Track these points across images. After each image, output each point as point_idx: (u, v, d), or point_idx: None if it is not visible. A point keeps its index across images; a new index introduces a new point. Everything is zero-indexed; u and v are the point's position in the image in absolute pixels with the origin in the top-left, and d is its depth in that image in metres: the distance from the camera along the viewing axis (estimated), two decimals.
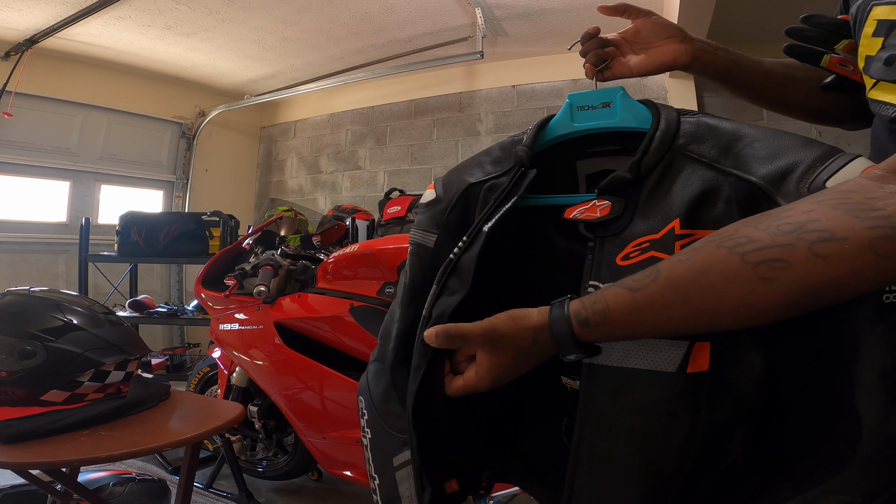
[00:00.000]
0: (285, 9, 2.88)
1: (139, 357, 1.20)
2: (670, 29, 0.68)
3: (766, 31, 2.93)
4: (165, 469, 2.10)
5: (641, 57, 0.68)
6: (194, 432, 1.08)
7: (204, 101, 4.18)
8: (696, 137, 0.53)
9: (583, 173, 0.65)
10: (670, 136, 0.54)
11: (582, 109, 0.62)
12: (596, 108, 0.61)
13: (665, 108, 0.57)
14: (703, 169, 0.51)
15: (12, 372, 1.03)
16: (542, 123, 0.64)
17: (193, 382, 2.20)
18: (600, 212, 0.54)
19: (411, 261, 0.66)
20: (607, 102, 0.61)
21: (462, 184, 0.64)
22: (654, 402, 0.46)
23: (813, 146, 0.47)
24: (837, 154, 0.46)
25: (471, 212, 0.62)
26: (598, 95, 0.61)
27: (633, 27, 0.69)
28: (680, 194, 0.50)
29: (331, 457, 1.69)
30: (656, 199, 0.51)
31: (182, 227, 3.06)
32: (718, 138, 0.52)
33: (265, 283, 1.67)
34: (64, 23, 2.90)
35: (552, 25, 2.98)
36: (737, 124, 0.53)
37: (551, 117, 0.64)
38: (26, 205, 3.41)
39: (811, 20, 0.64)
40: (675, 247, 0.48)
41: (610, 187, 0.54)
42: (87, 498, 1.13)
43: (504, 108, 3.59)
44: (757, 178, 0.47)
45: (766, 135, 0.50)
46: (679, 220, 0.48)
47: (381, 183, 3.96)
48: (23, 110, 3.22)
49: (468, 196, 0.63)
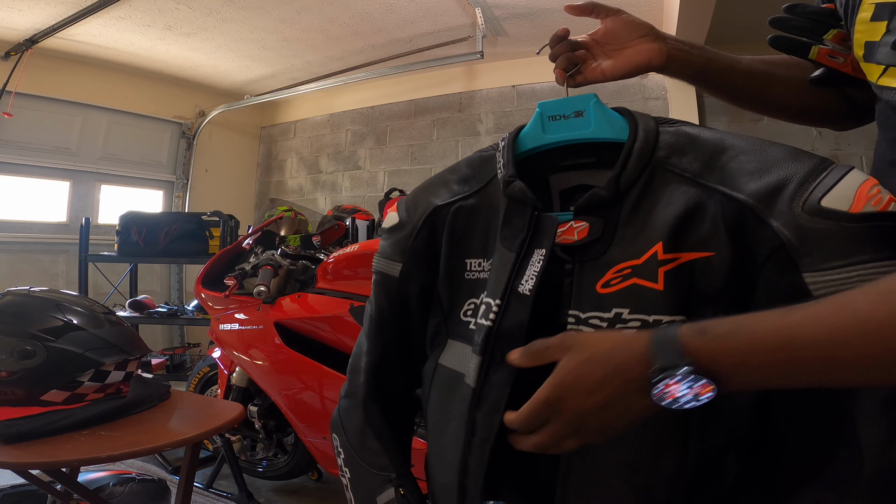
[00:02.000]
0: (285, 9, 2.88)
1: (139, 357, 1.19)
2: (642, 27, 0.63)
3: (765, 32, 2.93)
4: (165, 469, 2.10)
5: (614, 59, 0.64)
6: (194, 432, 1.08)
7: (204, 101, 4.18)
8: (676, 149, 0.49)
9: (556, 189, 0.60)
10: (649, 148, 0.49)
11: (553, 119, 0.57)
12: (568, 117, 0.56)
13: (642, 117, 0.53)
14: (686, 185, 0.47)
15: (12, 372, 1.03)
16: (514, 136, 0.58)
17: (193, 382, 2.20)
18: (578, 234, 0.49)
19: (376, 291, 0.62)
20: (580, 111, 0.55)
21: (428, 206, 0.58)
22: (639, 434, 0.43)
23: (803, 158, 0.44)
24: (830, 167, 0.42)
25: (437, 237, 0.57)
26: (570, 104, 0.56)
27: (602, 27, 0.65)
28: (662, 214, 0.46)
29: (331, 457, 1.69)
30: (637, 220, 0.47)
31: (182, 227, 3.06)
32: (701, 150, 0.48)
33: (265, 283, 1.67)
34: (64, 23, 2.90)
35: (552, 25, 2.97)
36: (720, 134, 0.49)
37: (522, 128, 0.59)
38: (26, 205, 3.41)
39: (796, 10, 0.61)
40: (659, 273, 0.44)
41: (587, 207, 0.49)
42: (87, 498, 1.13)
43: (504, 108, 3.59)
44: (745, 195, 0.43)
45: (752, 146, 0.47)
46: (662, 244, 0.45)
47: (381, 183, 3.96)
48: (23, 110, 3.22)
49: (434, 219, 0.57)
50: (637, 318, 0.44)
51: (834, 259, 0.39)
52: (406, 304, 0.59)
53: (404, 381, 0.61)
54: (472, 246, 0.56)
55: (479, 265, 0.55)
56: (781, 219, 0.41)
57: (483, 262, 0.54)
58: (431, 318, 0.57)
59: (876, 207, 0.39)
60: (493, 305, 0.49)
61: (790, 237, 0.41)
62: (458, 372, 0.52)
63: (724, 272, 0.43)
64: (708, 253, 0.44)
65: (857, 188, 0.40)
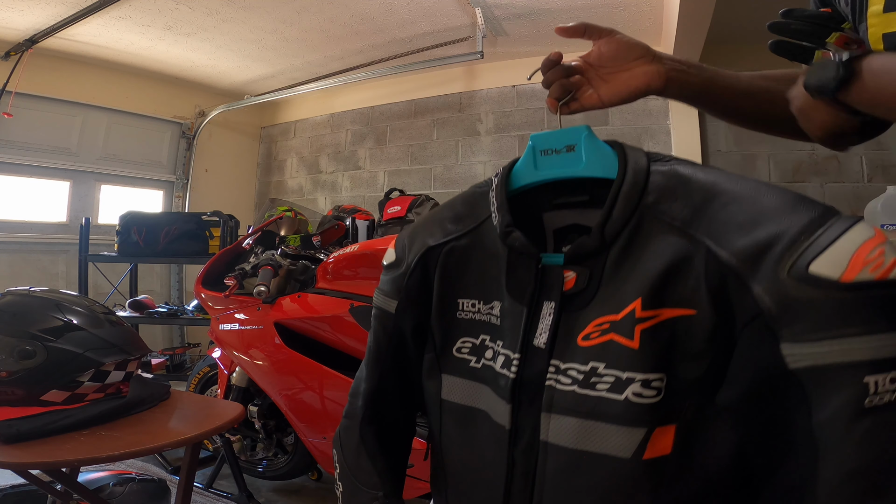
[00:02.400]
0: (285, 9, 2.88)
1: (139, 357, 1.20)
2: (637, 48, 0.60)
3: (766, 33, 2.93)
4: (165, 469, 2.10)
5: (611, 84, 0.61)
6: (194, 432, 1.08)
7: (204, 101, 4.18)
8: (667, 193, 0.46)
9: (551, 227, 0.58)
10: (637, 192, 0.47)
11: (545, 154, 0.54)
12: (560, 151, 0.53)
13: (633, 154, 0.50)
14: (674, 235, 0.44)
15: (12, 372, 1.03)
16: (506, 172, 0.57)
17: (193, 382, 2.20)
18: (566, 284, 0.48)
19: (374, 324, 0.63)
20: (571, 145, 0.53)
21: (422, 246, 0.58)
22: (608, 485, 0.43)
23: (800, 210, 0.39)
24: (829, 222, 0.38)
25: (430, 277, 0.58)
26: (562, 137, 0.53)
27: (596, 49, 0.61)
28: (646, 267, 0.44)
29: (331, 457, 1.69)
30: (621, 272, 0.46)
31: (182, 227, 3.06)
32: (692, 195, 0.45)
33: (265, 283, 1.67)
34: (64, 23, 2.90)
35: (552, 25, 2.96)
36: (715, 174, 0.46)
37: (516, 162, 0.57)
38: (26, 205, 3.41)
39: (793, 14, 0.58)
40: (636, 331, 0.43)
41: (574, 257, 0.48)
42: (87, 498, 1.13)
43: (504, 108, 3.59)
44: (729, 254, 0.40)
45: (747, 192, 0.43)
46: (641, 300, 0.43)
47: (381, 183, 3.97)
48: (23, 110, 3.22)
49: (427, 260, 0.58)
50: (611, 374, 0.44)
51: (816, 331, 0.36)
52: (402, 338, 0.60)
53: (400, 409, 0.64)
54: (465, 286, 0.56)
55: (472, 306, 0.55)
56: (764, 284, 0.38)
57: (478, 303, 0.55)
58: (426, 352, 0.59)
59: (874, 275, 0.35)
60: (512, 358, 0.49)
61: (770, 306, 0.38)
62: (470, 407, 0.54)
63: (706, 332, 0.41)
64: (689, 311, 0.42)
65: (855, 251, 0.36)
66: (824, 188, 2.89)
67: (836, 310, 0.36)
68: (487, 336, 0.53)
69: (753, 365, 0.39)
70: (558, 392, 0.46)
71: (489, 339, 0.53)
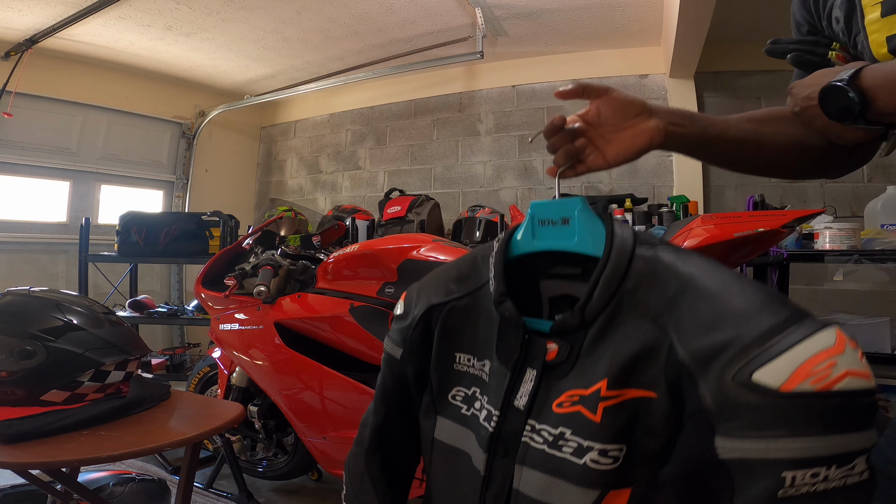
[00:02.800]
0: (285, 9, 2.88)
1: (139, 357, 1.20)
2: (635, 106, 0.61)
3: (765, 32, 2.93)
4: (165, 469, 2.10)
5: (614, 144, 0.62)
6: (194, 432, 1.08)
7: (204, 101, 4.18)
8: (646, 280, 0.48)
9: (546, 294, 0.61)
10: (618, 278, 0.49)
11: (543, 224, 0.56)
12: (556, 223, 0.55)
13: (621, 234, 0.52)
14: (647, 323, 0.46)
15: (12, 372, 1.03)
16: (507, 239, 0.60)
17: (193, 382, 2.20)
18: (548, 354, 0.52)
19: (383, 366, 0.69)
20: (566, 218, 0.54)
21: (426, 304, 0.64)
22: None
23: (766, 314, 0.41)
24: (791, 329, 0.39)
25: (431, 331, 0.63)
26: (558, 209, 0.55)
27: (594, 108, 0.62)
28: (617, 350, 0.47)
29: (331, 457, 1.69)
30: (597, 351, 0.49)
31: (182, 227, 3.06)
32: (668, 285, 0.47)
33: (265, 283, 1.67)
34: (64, 23, 2.91)
35: (552, 25, 2.98)
36: (696, 265, 0.47)
37: (517, 228, 0.60)
38: (26, 205, 3.41)
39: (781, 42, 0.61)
40: (599, 407, 0.46)
41: (558, 330, 0.52)
42: (87, 498, 1.13)
43: (504, 108, 3.59)
44: (686, 352, 0.43)
45: (721, 289, 0.44)
46: (606, 381, 0.46)
47: (381, 183, 3.97)
48: (23, 110, 3.22)
49: (430, 317, 0.63)
50: (575, 440, 0.47)
51: (746, 430, 0.39)
52: (405, 381, 0.66)
53: (403, 442, 0.69)
54: (462, 342, 0.61)
55: (468, 360, 0.60)
56: (709, 385, 0.40)
57: (472, 358, 0.60)
58: (424, 395, 0.65)
59: (814, 387, 0.37)
60: (493, 414, 0.55)
61: (710, 404, 0.40)
62: (457, 448, 0.59)
63: (664, 414, 0.44)
64: (651, 393, 0.45)
65: (803, 362, 0.38)
66: (824, 188, 2.89)
67: (768, 414, 0.38)
68: (478, 389, 0.59)
69: (693, 449, 0.42)
70: (531, 448, 0.50)
71: (479, 391, 0.58)
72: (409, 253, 1.61)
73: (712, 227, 1.27)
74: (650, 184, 3.17)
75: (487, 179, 3.61)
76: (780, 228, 1.23)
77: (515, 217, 2.93)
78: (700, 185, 3.02)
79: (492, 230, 3.07)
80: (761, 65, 3.01)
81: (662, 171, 3.16)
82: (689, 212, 2.58)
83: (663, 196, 3.08)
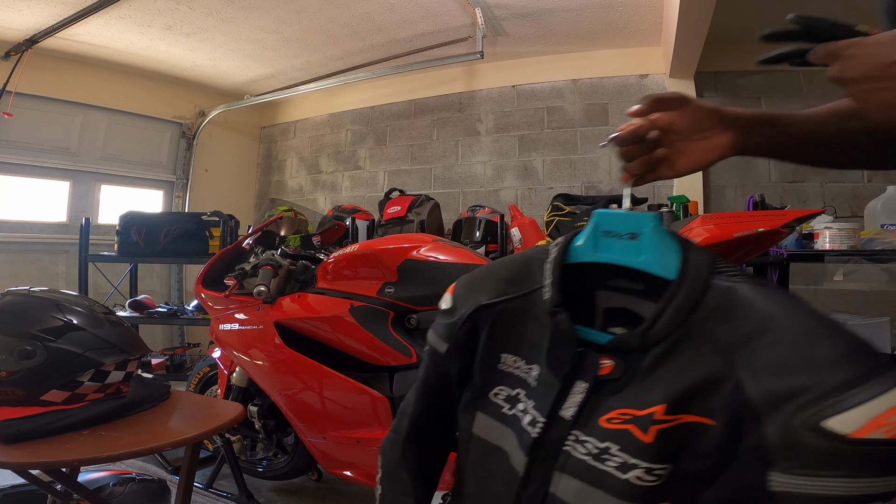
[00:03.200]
0: (285, 9, 2.88)
1: (139, 357, 1.20)
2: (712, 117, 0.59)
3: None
4: (165, 469, 2.10)
5: (687, 155, 0.60)
6: (194, 432, 1.08)
7: (204, 101, 4.18)
8: (719, 314, 0.47)
9: (602, 305, 0.61)
10: (689, 307, 0.48)
11: (607, 235, 0.54)
12: (622, 237, 0.53)
13: (696, 261, 0.50)
14: (714, 355, 0.45)
15: (12, 372, 1.03)
16: (565, 245, 0.59)
17: (193, 382, 2.20)
18: (602, 369, 0.52)
19: (426, 358, 0.69)
20: (635, 234, 0.52)
21: (475, 302, 0.63)
22: None
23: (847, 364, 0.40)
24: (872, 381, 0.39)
25: (478, 330, 0.62)
26: (627, 222, 0.53)
27: (667, 118, 0.59)
28: (678, 377, 0.47)
29: (331, 457, 1.69)
30: (654, 374, 0.49)
31: (182, 227, 3.06)
32: (745, 323, 0.45)
33: (265, 283, 1.67)
34: (64, 23, 2.91)
35: (552, 25, 2.98)
36: (778, 305, 0.46)
37: (576, 235, 0.59)
38: (26, 205, 3.41)
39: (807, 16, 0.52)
40: (652, 430, 0.46)
41: (615, 348, 0.52)
42: (87, 498, 1.13)
43: (504, 108, 3.59)
44: (757, 392, 0.42)
45: (803, 334, 0.43)
46: (665, 407, 0.46)
47: (381, 183, 3.97)
48: (23, 110, 3.22)
49: (478, 317, 0.62)
50: (621, 457, 0.47)
51: (805, 468, 0.39)
52: (447, 375, 0.66)
53: (440, 433, 0.70)
54: (509, 344, 0.60)
55: (513, 361, 0.60)
56: (776, 426, 0.40)
57: (519, 360, 0.59)
58: (466, 390, 0.65)
59: (886, 435, 0.37)
60: (538, 420, 0.54)
61: (773, 442, 0.40)
62: (494, 445, 0.60)
63: (716, 441, 0.44)
64: (709, 421, 0.45)
65: (878, 415, 0.38)
66: (824, 188, 2.89)
67: (831, 457, 0.38)
68: (522, 391, 0.58)
69: (741, 480, 0.43)
70: (572, 457, 0.51)
71: (524, 394, 0.58)
72: (409, 253, 1.61)
73: (712, 227, 1.27)
74: (650, 184, 3.17)
75: (487, 179, 3.62)
76: (780, 228, 1.23)
77: (515, 217, 2.93)
78: (700, 185, 3.03)
79: (492, 230, 3.07)
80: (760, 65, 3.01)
81: None
82: (689, 212, 2.58)
83: (663, 196, 3.08)
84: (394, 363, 1.59)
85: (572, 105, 3.36)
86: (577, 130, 3.34)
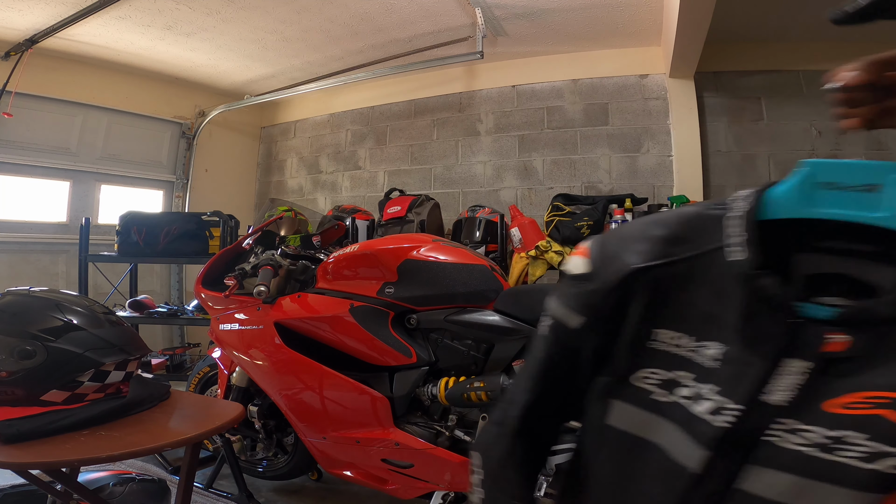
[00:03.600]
0: (285, 9, 2.88)
1: (139, 357, 1.20)
2: None
3: (766, 31, 2.93)
4: (165, 469, 2.10)
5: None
6: (194, 432, 1.08)
7: (204, 101, 4.18)
8: None
9: (802, 271, 0.49)
10: None
11: (828, 187, 0.45)
12: (853, 188, 0.44)
13: None
14: None
15: (12, 372, 1.03)
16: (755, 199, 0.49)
17: (193, 382, 2.20)
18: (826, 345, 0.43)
19: (548, 335, 0.58)
20: (874, 185, 0.43)
21: (624, 266, 0.51)
22: None
23: None
24: None
25: (627, 300, 0.52)
26: (860, 171, 0.44)
27: None
28: None
29: (331, 457, 1.69)
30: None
31: (182, 227, 3.07)
32: None
33: (265, 283, 1.67)
34: (64, 23, 2.91)
35: (552, 25, 2.98)
36: None
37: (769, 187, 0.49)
38: (26, 205, 3.41)
39: None
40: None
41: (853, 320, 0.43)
42: (87, 498, 1.13)
43: (504, 108, 3.59)
44: None
45: None
46: None
47: (381, 183, 3.97)
48: (23, 110, 3.22)
49: (631, 284, 0.51)
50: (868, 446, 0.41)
51: None
52: (576, 356, 0.56)
53: (554, 427, 0.61)
54: (668, 317, 0.51)
55: (672, 339, 0.51)
56: None
57: (683, 337, 0.50)
58: (600, 375, 0.55)
59: None
60: (730, 408, 0.46)
61: None
62: (641, 438, 0.52)
63: None
64: None
65: None
66: None
67: None
68: (688, 374, 0.49)
69: None
70: (780, 449, 0.44)
71: (692, 378, 0.49)
72: (409, 253, 1.61)
73: None
74: (650, 184, 3.17)
75: (487, 179, 3.62)
76: None
77: (515, 217, 2.93)
78: (700, 185, 3.03)
79: (492, 230, 3.07)
80: (761, 65, 3.01)
81: (662, 171, 3.16)
82: None
83: (663, 196, 3.09)
84: (394, 363, 1.59)
85: (572, 105, 3.36)
86: (577, 130, 3.35)
